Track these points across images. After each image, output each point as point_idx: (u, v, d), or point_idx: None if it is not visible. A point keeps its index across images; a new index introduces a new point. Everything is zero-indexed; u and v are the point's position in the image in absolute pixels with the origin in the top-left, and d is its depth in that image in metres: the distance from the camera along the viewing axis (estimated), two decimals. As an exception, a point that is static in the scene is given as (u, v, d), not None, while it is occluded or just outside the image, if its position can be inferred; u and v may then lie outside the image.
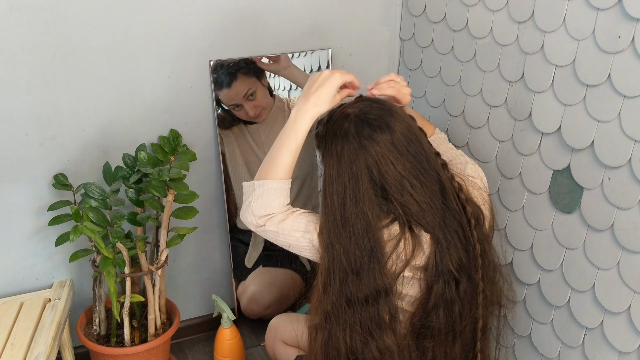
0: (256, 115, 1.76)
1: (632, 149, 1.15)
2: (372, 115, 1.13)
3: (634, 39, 1.12)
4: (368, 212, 1.11)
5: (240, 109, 1.75)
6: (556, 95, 1.31)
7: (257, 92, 1.75)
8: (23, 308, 1.54)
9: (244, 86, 1.73)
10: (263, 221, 1.19)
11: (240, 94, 1.73)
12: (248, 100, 1.74)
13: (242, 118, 1.76)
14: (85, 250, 1.53)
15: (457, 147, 1.53)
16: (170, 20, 1.59)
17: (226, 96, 1.71)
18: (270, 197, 1.18)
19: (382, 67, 1.92)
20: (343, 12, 1.80)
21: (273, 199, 1.18)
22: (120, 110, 1.61)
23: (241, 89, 1.73)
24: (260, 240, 1.91)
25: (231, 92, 1.71)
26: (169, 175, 1.45)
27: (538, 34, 1.33)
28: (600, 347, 1.28)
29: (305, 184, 1.90)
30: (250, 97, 1.74)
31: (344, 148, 1.12)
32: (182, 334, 1.91)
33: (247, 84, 1.73)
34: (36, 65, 1.48)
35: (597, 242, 1.26)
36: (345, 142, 1.12)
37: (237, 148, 1.78)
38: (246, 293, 1.91)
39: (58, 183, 1.55)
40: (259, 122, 1.78)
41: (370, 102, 1.17)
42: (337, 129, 1.15)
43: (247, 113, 1.75)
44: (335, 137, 1.14)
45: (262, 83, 1.77)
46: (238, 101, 1.74)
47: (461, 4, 1.57)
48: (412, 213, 1.13)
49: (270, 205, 1.18)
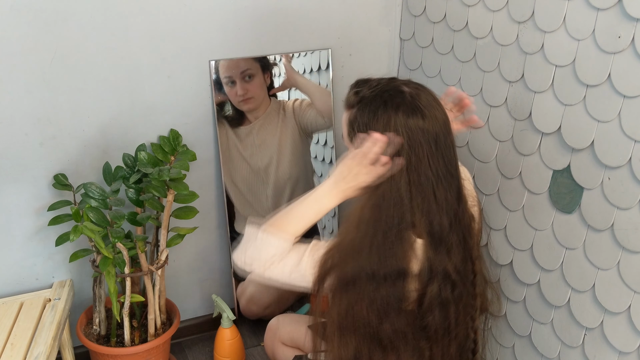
0: (244, 99, 1.76)
1: (632, 149, 1.15)
2: (423, 101, 1.11)
3: (634, 39, 1.12)
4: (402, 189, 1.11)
5: (232, 87, 1.75)
6: (556, 95, 1.31)
7: (254, 77, 1.76)
8: (23, 308, 1.54)
9: (245, 63, 1.74)
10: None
11: (239, 69, 1.73)
12: (243, 81, 1.75)
13: (230, 98, 1.75)
14: (85, 250, 1.53)
15: (457, 147, 1.53)
16: (170, 20, 1.59)
17: (225, 66, 1.72)
18: (267, 252, 1.17)
19: (382, 67, 1.92)
20: (343, 12, 1.80)
21: (268, 253, 1.17)
22: (120, 110, 1.61)
23: (242, 65, 1.73)
24: None
25: (232, 63, 1.72)
26: (169, 175, 1.45)
27: (538, 34, 1.33)
28: (600, 347, 1.28)
29: (300, 185, 1.90)
30: (246, 79, 1.75)
31: (392, 120, 1.09)
32: (182, 334, 1.91)
33: (249, 64, 1.74)
34: (36, 66, 1.48)
35: (597, 242, 1.26)
36: (394, 115, 1.09)
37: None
38: (245, 293, 1.91)
39: (58, 183, 1.55)
40: (244, 110, 1.78)
41: (421, 88, 1.15)
42: (388, 99, 1.11)
43: (237, 92, 1.75)
44: (385, 107, 1.11)
45: (264, 76, 1.78)
46: (234, 75, 1.73)
47: (461, 4, 1.57)
48: (429, 209, 1.11)
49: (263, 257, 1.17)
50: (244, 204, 1.86)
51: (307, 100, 1.86)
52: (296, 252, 1.15)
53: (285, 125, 1.85)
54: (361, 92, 1.15)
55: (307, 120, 1.87)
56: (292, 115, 1.85)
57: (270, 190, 1.89)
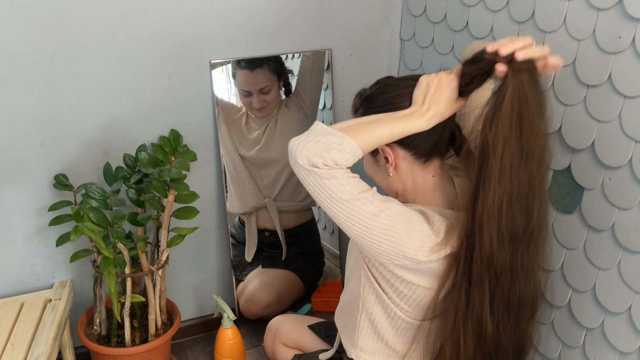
0: (260, 108, 1.78)
1: (633, 149, 1.15)
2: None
3: (635, 39, 1.12)
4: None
5: (249, 97, 1.76)
6: (556, 95, 1.31)
7: (272, 90, 1.78)
8: (24, 308, 1.54)
9: (264, 79, 1.76)
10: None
11: (258, 85, 1.75)
12: (261, 93, 1.76)
13: (245, 105, 1.77)
14: (85, 251, 1.53)
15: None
16: (171, 20, 1.59)
17: (244, 78, 1.73)
18: (342, 154, 1.02)
19: (382, 67, 1.92)
20: (343, 12, 1.80)
21: (344, 157, 1.02)
22: (120, 111, 1.61)
23: (261, 80, 1.75)
24: (254, 234, 1.91)
25: (251, 77, 1.73)
26: (170, 176, 1.45)
27: (538, 34, 1.33)
28: (601, 347, 1.28)
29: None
30: (263, 91, 1.76)
31: (401, 90, 1.12)
32: (183, 334, 1.91)
33: (268, 80, 1.76)
34: (37, 66, 1.48)
35: (598, 242, 1.26)
36: (404, 87, 1.12)
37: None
38: (244, 293, 1.91)
39: (59, 183, 1.55)
40: (259, 116, 1.79)
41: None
42: (392, 82, 1.14)
43: (253, 104, 1.76)
44: (393, 86, 1.13)
45: (279, 84, 1.80)
46: (251, 89, 1.75)
47: (461, 4, 1.57)
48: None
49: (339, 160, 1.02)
50: (244, 205, 1.87)
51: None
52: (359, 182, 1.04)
53: (288, 121, 1.84)
54: (363, 93, 1.17)
55: (306, 89, 1.85)
56: (296, 103, 1.85)
57: (272, 190, 1.90)
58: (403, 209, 1.07)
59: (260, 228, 1.93)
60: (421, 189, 1.17)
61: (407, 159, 1.14)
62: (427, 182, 1.16)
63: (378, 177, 1.22)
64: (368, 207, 1.03)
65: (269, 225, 1.93)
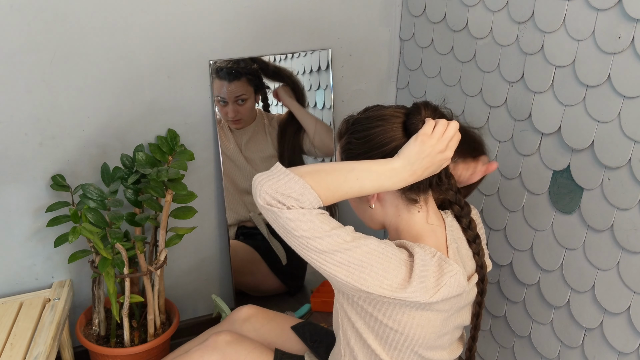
0: (233, 120, 1.78)
1: (632, 149, 1.15)
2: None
3: (634, 40, 1.12)
4: None
5: (225, 106, 1.76)
6: (556, 95, 1.31)
7: (247, 101, 1.78)
8: (23, 308, 1.54)
9: (240, 89, 1.75)
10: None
11: (234, 94, 1.75)
12: (236, 103, 1.76)
13: (222, 116, 1.77)
14: (84, 251, 1.53)
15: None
16: (170, 20, 1.58)
17: (221, 88, 1.73)
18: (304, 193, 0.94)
19: (382, 67, 1.92)
20: (343, 12, 1.80)
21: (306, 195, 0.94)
22: (120, 111, 1.61)
23: (237, 90, 1.75)
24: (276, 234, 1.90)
25: (229, 87, 1.73)
26: (167, 176, 1.45)
27: (538, 34, 1.33)
28: (600, 347, 1.28)
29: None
30: (239, 102, 1.77)
31: (387, 113, 1.10)
32: (182, 334, 1.91)
33: (244, 90, 1.76)
34: (36, 66, 1.48)
35: (597, 243, 1.26)
36: (390, 111, 1.10)
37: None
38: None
39: (56, 184, 1.55)
40: (233, 127, 1.79)
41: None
42: (377, 107, 1.11)
43: (227, 113, 1.76)
44: (378, 108, 1.11)
45: (256, 97, 1.80)
46: (227, 98, 1.75)
47: (461, 4, 1.56)
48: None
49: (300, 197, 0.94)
50: (241, 204, 1.87)
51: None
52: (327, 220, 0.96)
53: (260, 140, 1.85)
54: (350, 120, 1.11)
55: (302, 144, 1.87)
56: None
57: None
58: (381, 244, 0.99)
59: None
60: (406, 223, 1.10)
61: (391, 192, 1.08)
62: (414, 217, 1.09)
63: (360, 211, 1.15)
64: (340, 242, 0.95)
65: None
